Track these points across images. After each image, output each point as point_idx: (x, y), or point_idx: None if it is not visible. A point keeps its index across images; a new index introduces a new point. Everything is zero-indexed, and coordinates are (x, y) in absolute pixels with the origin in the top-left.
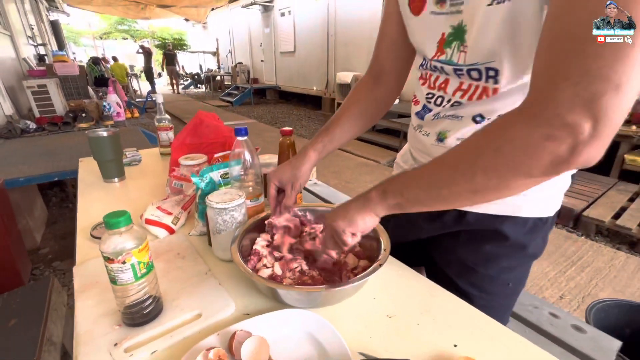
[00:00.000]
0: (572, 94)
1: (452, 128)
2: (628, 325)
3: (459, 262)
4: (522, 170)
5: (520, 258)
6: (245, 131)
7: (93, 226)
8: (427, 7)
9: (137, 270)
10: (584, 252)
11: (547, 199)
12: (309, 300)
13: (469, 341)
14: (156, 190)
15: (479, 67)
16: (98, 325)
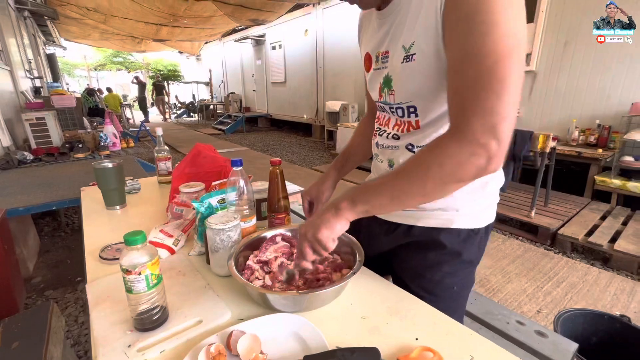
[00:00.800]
0: (481, 125)
1: (395, 156)
2: (594, 334)
3: (411, 269)
4: (457, 177)
5: (457, 264)
6: (240, 162)
7: (102, 248)
8: (372, 66)
9: (149, 280)
10: (560, 268)
11: (477, 213)
12: (294, 304)
13: (429, 335)
14: (155, 216)
15: (402, 106)
16: (112, 331)
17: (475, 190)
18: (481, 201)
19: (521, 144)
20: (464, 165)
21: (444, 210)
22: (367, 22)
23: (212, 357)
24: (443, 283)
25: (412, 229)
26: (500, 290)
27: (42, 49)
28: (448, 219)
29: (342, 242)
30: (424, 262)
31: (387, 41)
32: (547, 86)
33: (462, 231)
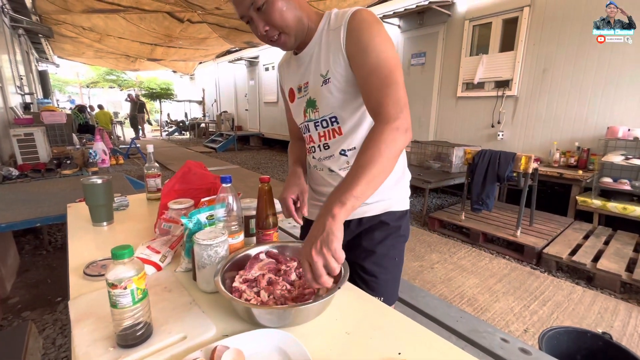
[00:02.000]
0: (395, 110)
1: (332, 163)
2: (578, 352)
3: (363, 250)
4: (398, 150)
5: (397, 237)
6: (229, 179)
7: (86, 265)
8: (296, 96)
9: (135, 295)
10: (546, 287)
11: (403, 198)
12: (279, 319)
13: (411, 350)
14: (143, 233)
15: (326, 118)
16: (94, 347)
17: (399, 180)
18: (404, 188)
19: (504, 165)
20: (398, 140)
21: (383, 200)
22: (286, 66)
23: None
24: (388, 255)
25: (361, 220)
26: (487, 309)
27: (35, 66)
28: (387, 205)
29: None
30: (372, 241)
31: (307, 74)
32: (528, 110)
33: (398, 212)
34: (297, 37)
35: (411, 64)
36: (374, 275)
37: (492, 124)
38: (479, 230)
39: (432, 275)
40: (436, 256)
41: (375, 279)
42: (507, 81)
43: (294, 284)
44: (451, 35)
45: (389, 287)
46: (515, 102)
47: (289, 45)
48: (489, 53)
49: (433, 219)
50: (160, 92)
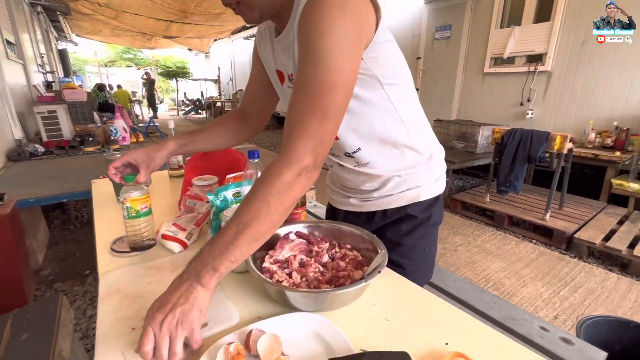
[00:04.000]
0: (304, 147)
1: (343, 163)
2: (618, 342)
3: (389, 241)
4: (293, 196)
5: (426, 228)
6: (257, 154)
7: (113, 241)
8: (285, 83)
9: (129, 211)
10: (577, 273)
11: (433, 183)
12: (315, 303)
13: (459, 340)
14: (167, 209)
15: None
16: (115, 328)
17: (427, 163)
18: (433, 172)
19: (537, 145)
20: (294, 186)
21: (410, 189)
22: (265, 43)
23: (231, 357)
24: (417, 247)
25: (385, 212)
26: (515, 294)
27: (54, 45)
28: (415, 195)
29: (363, 239)
30: (398, 233)
31: (291, 65)
32: (562, 87)
33: (427, 201)
34: (263, 12)
35: (435, 38)
36: (400, 267)
37: (521, 101)
38: (505, 213)
39: (456, 258)
40: (459, 239)
41: (402, 270)
42: (540, 55)
43: (327, 265)
44: (480, 6)
45: (416, 276)
46: (548, 78)
47: (252, 18)
48: (522, 24)
49: (455, 201)
50: (176, 70)
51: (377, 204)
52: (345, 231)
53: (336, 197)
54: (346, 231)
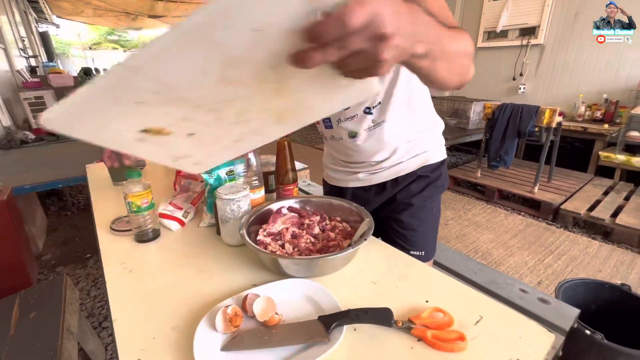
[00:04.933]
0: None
1: (356, 125)
2: (594, 302)
3: (398, 202)
4: (470, 58)
5: (434, 188)
6: None
7: (112, 220)
8: None
9: (131, 206)
10: (562, 242)
11: (438, 148)
12: (306, 270)
13: (439, 297)
14: (161, 191)
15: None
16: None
17: (431, 129)
18: (437, 138)
19: (526, 119)
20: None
21: (418, 155)
22: None
23: (229, 318)
24: (426, 206)
25: (397, 180)
26: (502, 263)
27: (35, 27)
28: (424, 159)
29: (351, 211)
30: (408, 193)
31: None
32: (555, 60)
33: (434, 164)
34: None
35: None
36: (412, 229)
37: (514, 76)
38: (495, 187)
39: (447, 232)
40: (450, 213)
41: (414, 233)
42: (533, 28)
43: (318, 236)
44: None
45: (428, 240)
46: (541, 51)
47: None
48: None
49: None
50: None
51: (387, 174)
52: (335, 205)
53: (340, 176)
54: (336, 205)
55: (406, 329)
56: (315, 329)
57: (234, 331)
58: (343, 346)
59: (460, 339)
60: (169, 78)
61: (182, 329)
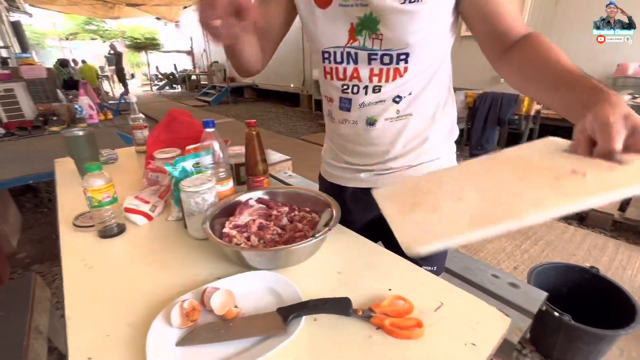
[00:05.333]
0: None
1: (380, 112)
2: (565, 285)
3: None
4: None
5: None
6: (212, 123)
7: (75, 216)
8: (333, 1)
9: (91, 201)
10: (539, 228)
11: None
12: (270, 261)
13: (402, 286)
14: (134, 185)
15: (392, 53)
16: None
17: (449, 135)
18: (450, 144)
19: (506, 108)
20: None
21: (432, 161)
22: None
23: (186, 312)
24: None
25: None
26: (480, 250)
27: (6, 16)
28: (436, 167)
29: (319, 201)
30: None
31: None
32: None
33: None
34: None
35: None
36: None
37: None
38: None
39: None
40: None
41: None
42: None
43: (285, 228)
44: None
45: (440, 256)
46: None
47: None
48: None
49: None
50: (145, 42)
51: (394, 178)
52: (305, 195)
53: (340, 173)
54: (305, 195)
55: (366, 317)
56: (273, 321)
57: (190, 326)
58: (301, 337)
59: (417, 326)
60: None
61: (138, 326)
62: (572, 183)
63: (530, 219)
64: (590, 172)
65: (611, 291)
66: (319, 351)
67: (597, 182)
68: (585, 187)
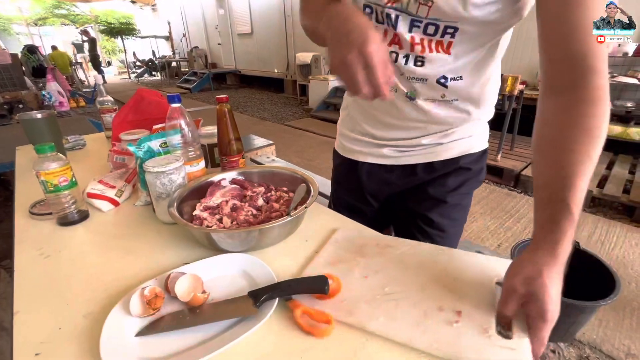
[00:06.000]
0: (605, 74)
1: (421, 90)
2: None
3: (429, 197)
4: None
5: (473, 183)
6: (178, 98)
7: (32, 204)
8: None
9: (46, 186)
10: (521, 206)
11: (482, 134)
12: (243, 243)
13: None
14: (102, 170)
15: (438, 23)
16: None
17: (482, 112)
18: (484, 123)
19: None
20: (606, 122)
21: (463, 139)
22: None
23: (147, 300)
24: (460, 205)
25: (432, 164)
26: (465, 229)
27: None
28: (468, 145)
29: (297, 179)
30: (443, 188)
31: None
32: (518, 29)
33: (477, 153)
34: None
35: None
36: (441, 229)
37: None
38: None
39: None
40: None
41: (443, 234)
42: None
43: (261, 208)
44: None
45: (455, 241)
46: None
47: None
48: None
49: None
50: (120, 27)
51: (421, 155)
52: (282, 174)
53: (358, 147)
54: (282, 174)
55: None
56: (243, 305)
57: (152, 314)
58: (274, 319)
59: (326, 322)
60: None
61: (95, 316)
62: (437, 327)
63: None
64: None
65: (591, 264)
66: (294, 334)
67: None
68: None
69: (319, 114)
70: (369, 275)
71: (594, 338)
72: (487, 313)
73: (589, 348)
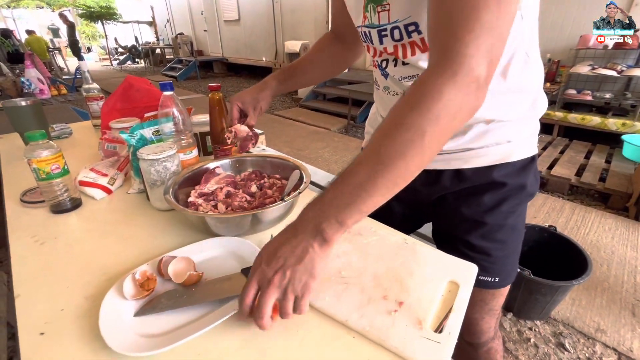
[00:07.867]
0: (475, 48)
1: None
2: (525, 244)
3: (465, 219)
4: (457, 125)
5: (519, 199)
6: (170, 86)
7: (23, 192)
8: None
9: (38, 174)
10: None
11: (528, 138)
12: (237, 227)
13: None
14: (90, 159)
15: (399, 24)
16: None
17: (526, 113)
18: (530, 123)
19: None
20: (461, 109)
21: (500, 144)
22: None
23: (140, 283)
24: (506, 225)
25: (460, 173)
26: None
27: None
28: (507, 152)
29: (289, 166)
30: (478, 207)
31: None
32: None
33: (518, 162)
34: None
35: None
36: (485, 253)
37: None
38: None
39: None
40: None
41: (487, 258)
42: None
43: (255, 195)
44: None
45: (507, 264)
46: None
47: None
48: None
49: None
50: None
51: (446, 160)
52: (274, 162)
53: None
54: (275, 162)
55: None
56: (237, 282)
57: (147, 295)
58: None
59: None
60: None
61: (96, 298)
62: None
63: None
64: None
65: (567, 247)
66: None
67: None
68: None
69: (308, 104)
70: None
71: (567, 316)
72: (427, 307)
73: (562, 325)
